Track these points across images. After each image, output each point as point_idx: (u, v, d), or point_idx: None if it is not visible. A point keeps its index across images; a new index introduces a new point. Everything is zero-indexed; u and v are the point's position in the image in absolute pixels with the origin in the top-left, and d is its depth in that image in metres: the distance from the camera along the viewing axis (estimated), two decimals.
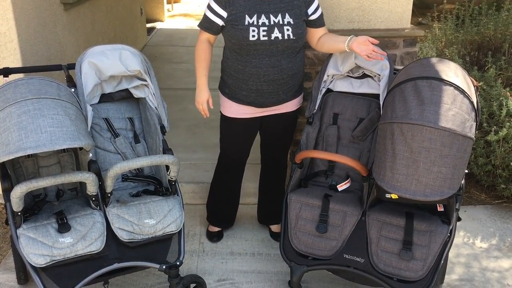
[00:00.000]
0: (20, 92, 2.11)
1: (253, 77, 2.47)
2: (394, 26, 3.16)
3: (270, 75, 2.45)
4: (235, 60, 2.49)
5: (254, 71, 2.45)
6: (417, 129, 1.98)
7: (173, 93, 5.24)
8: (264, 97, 2.53)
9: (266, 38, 2.37)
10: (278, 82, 2.49)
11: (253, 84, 2.49)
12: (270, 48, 2.40)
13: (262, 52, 2.41)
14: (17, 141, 1.93)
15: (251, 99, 2.54)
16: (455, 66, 2.25)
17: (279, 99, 2.56)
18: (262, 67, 2.43)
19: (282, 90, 2.53)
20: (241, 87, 2.53)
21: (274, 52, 2.42)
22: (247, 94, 2.53)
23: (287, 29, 2.39)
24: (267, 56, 2.42)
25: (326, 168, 2.65)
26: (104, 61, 2.47)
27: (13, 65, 2.92)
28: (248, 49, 2.41)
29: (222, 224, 3.02)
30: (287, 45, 2.42)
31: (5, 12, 2.83)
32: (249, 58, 2.44)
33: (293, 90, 2.59)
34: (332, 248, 2.33)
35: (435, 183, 1.99)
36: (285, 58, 2.45)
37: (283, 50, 2.43)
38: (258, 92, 2.51)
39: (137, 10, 6.74)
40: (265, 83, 2.48)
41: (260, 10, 2.38)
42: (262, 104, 2.56)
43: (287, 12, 2.40)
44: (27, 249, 2.07)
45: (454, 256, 2.87)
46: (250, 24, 2.37)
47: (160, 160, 2.25)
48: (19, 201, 2.05)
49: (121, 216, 2.27)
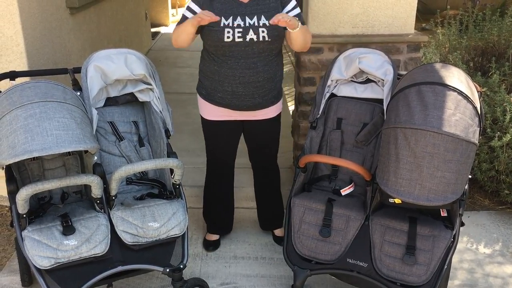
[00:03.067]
0: (27, 95, 2.13)
1: (228, 79, 2.48)
2: (398, 32, 3.17)
3: (246, 77, 2.46)
4: (211, 61, 2.51)
5: (229, 72, 2.46)
6: (421, 134, 1.99)
7: (178, 97, 5.26)
8: (239, 99, 2.53)
9: (241, 39, 2.39)
10: (254, 85, 2.49)
11: (228, 86, 2.50)
12: (245, 49, 2.42)
13: (238, 53, 2.43)
14: (23, 144, 1.95)
15: (227, 101, 2.54)
16: (459, 72, 2.26)
17: (255, 102, 2.55)
18: (237, 68, 2.44)
19: (258, 94, 2.53)
20: (217, 89, 2.54)
21: (249, 54, 2.43)
22: (223, 96, 2.54)
23: (262, 30, 2.40)
24: (242, 58, 2.43)
25: (329, 173, 2.66)
26: (110, 65, 2.48)
27: (19, 68, 2.95)
28: (223, 50, 2.43)
29: (220, 230, 3.01)
30: (263, 47, 2.43)
31: (12, 16, 2.86)
32: (225, 59, 2.45)
33: (270, 95, 2.58)
34: (336, 253, 2.33)
35: (439, 188, 1.99)
36: (261, 60, 2.46)
37: (259, 52, 2.44)
38: (234, 94, 2.51)
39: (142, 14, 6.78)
40: (241, 85, 2.48)
41: (236, 13, 2.41)
42: (238, 106, 2.55)
43: (263, 14, 2.42)
44: (32, 251, 2.08)
45: (457, 261, 2.87)
46: (225, 26, 2.39)
47: (165, 164, 2.26)
48: (25, 204, 2.06)
49: (125, 219, 2.28)
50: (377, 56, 2.57)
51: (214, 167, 2.84)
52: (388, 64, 2.54)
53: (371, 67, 2.54)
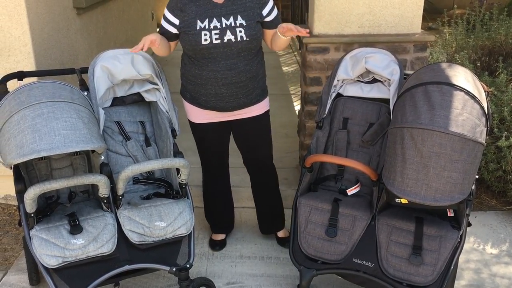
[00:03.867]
0: (35, 95, 2.14)
1: (211, 81, 2.47)
2: (405, 31, 3.16)
3: (228, 78, 2.46)
4: (192, 65, 2.51)
5: (211, 74, 2.46)
6: (428, 134, 1.98)
7: None
8: (224, 101, 2.52)
9: (219, 41, 2.39)
10: (237, 85, 2.49)
11: (211, 88, 2.49)
12: (224, 51, 2.41)
13: (218, 55, 2.42)
14: (31, 143, 1.96)
15: (212, 103, 2.54)
16: (466, 71, 2.25)
17: (239, 102, 2.55)
18: (219, 70, 2.44)
19: (241, 93, 2.52)
20: (200, 92, 2.53)
21: (229, 55, 2.43)
22: (207, 99, 2.54)
23: (240, 30, 2.40)
24: (223, 59, 2.43)
25: (335, 173, 2.66)
26: (117, 65, 2.50)
27: (27, 68, 2.97)
28: (202, 53, 2.42)
29: (222, 229, 3.01)
30: (241, 47, 2.43)
31: (20, 16, 2.88)
32: (205, 62, 2.45)
33: (254, 93, 2.57)
34: (342, 252, 2.33)
35: (445, 188, 1.99)
36: (241, 60, 2.46)
37: (238, 52, 2.43)
38: (218, 96, 2.51)
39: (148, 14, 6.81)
40: (224, 86, 2.48)
41: (212, 14, 2.40)
42: (223, 108, 2.55)
43: (239, 14, 2.42)
44: (39, 250, 2.10)
45: (464, 261, 2.86)
46: (202, 29, 2.39)
47: (171, 163, 2.27)
48: (32, 203, 2.08)
49: (132, 218, 2.29)
50: (384, 56, 2.57)
51: (209, 168, 2.84)
52: (394, 64, 2.53)
53: (377, 66, 2.54)
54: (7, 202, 3.33)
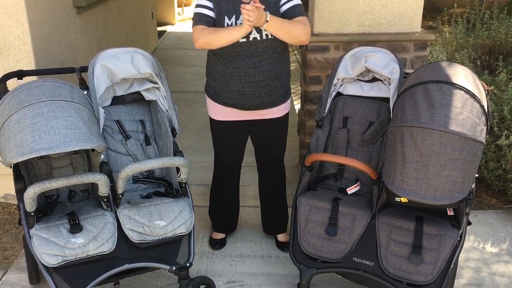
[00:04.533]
0: (34, 94, 2.14)
1: (234, 78, 2.47)
2: (405, 30, 3.16)
3: (251, 76, 2.45)
4: (217, 62, 2.50)
5: (235, 72, 2.45)
6: (427, 133, 1.98)
7: (183, 96, 5.27)
8: (246, 98, 2.52)
9: (244, 39, 2.38)
10: (260, 84, 2.48)
11: (234, 85, 2.49)
12: (250, 49, 2.41)
13: (242, 53, 2.41)
14: (31, 142, 1.96)
15: (234, 100, 2.54)
16: (466, 70, 2.25)
17: (262, 101, 2.54)
18: (242, 68, 2.44)
19: (264, 92, 2.51)
20: (224, 89, 2.53)
21: (254, 53, 2.42)
22: (230, 96, 2.53)
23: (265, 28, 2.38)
24: (247, 57, 2.42)
25: (335, 171, 2.66)
26: (116, 64, 2.49)
27: (26, 67, 2.96)
28: (228, 50, 2.42)
29: (225, 229, 3.02)
30: (267, 45, 2.42)
31: (20, 15, 2.87)
32: (230, 59, 2.44)
33: (277, 93, 2.56)
34: (342, 251, 2.33)
35: (445, 187, 1.99)
36: (266, 59, 2.45)
37: (263, 51, 2.42)
38: (240, 94, 2.51)
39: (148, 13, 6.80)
40: (247, 84, 2.47)
41: (239, 11, 2.39)
42: (245, 106, 2.55)
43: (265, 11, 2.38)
44: (39, 249, 2.10)
45: (464, 260, 2.86)
46: (228, 26, 2.38)
47: (171, 162, 2.27)
48: (32, 202, 2.08)
49: (132, 217, 2.29)
50: (384, 55, 2.57)
51: (222, 167, 2.84)
52: (394, 63, 2.53)
53: (377, 65, 2.54)
54: (7, 201, 3.33)
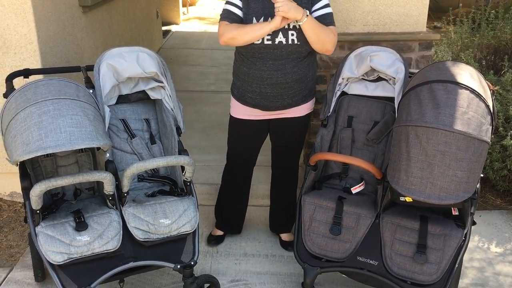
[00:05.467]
0: (41, 93, 2.16)
1: (256, 80, 2.48)
2: (410, 30, 3.16)
3: (274, 78, 2.45)
4: (242, 62, 2.52)
5: (257, 73, 2.46)
6: (432, 132, 1.98)
7: (188, 95, 5.28)
8: (268, 100, 2.53)
9: (270, 42, 2.38)
10: (282, 86, 2.48)
11: (257, 87, 2.50)
12: (274, 52, 2.41)
13: (266, 55, 2.42)
14: (37, 141, 1.97)
15: (256, 101, 2.55)
16: (471, 70, 2.25)
17: (284, 103, 2.55)
18: (265, 70, 2.44)
19: (287, 95, 2.52)
20: (247, 89, 2.54)
21: (278, 56, 2.42)
22: (252, 96, 2.54)
23: (292, 33, 2.38)
24: (271, 60, 2.43)
25: (340, 171, 2.66)
26: (122, 63, 2.50)
27: (32, 66, 2.98)
28: (253, 52, 2.43)
29: (227, 228, 3.02)
30: (291, 50, 2.41)
31: (26, 14, 2.89)
32: (254, 60, 2.45)
33: (300, 95, 2.57)
34: (346, 250, 2.33)
35: (450, 186, 1.99)
36: (289, 62, 2.44)
37: (287, 55, 2.42)
38: (262, 95, 2.51)
39: (153, 13, 6.81)
40: (269, 86, 2.48)
41: (268, 13, 2.39)
42: (267, 107, 2.56)
43: None
44: (45, 246, 2.11)
45: (468, 260, 2.86)
46: None
47: (176, 161, 2.28)
48: (38, 200, 2.09)
49: (137, 215, 2.30)
50: (389, 54, 2.57)
51: (234, 164, 2.84)
52: (399, 62, 2.53)
53: (382, 65, 2.53)
54: (12, 199, 3.35)
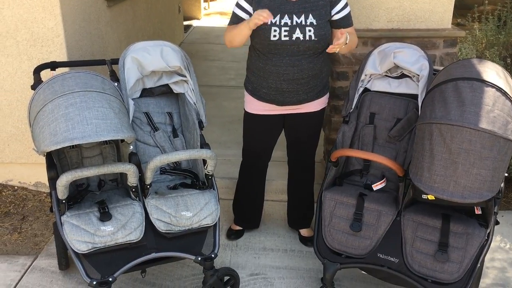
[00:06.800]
0: (68, 85, 2.20)
1: (273, 75, 2.49)
2: (435, 26, 3.12)
3: (290, 74, 2.46)
4: (257, 58, 2.52)
5: (274, 69, 2.47)
6: (457, 130, 1.96)
7: (208, 90, 5.31)
8: (284, 95, 2.54)
9: (287, 38, 2.39)
10: (298, 82, 2.49)
11: (273, 82, 2.51)
12: (291, 48, 2.41)
13: (283, 51, 2.43)
14: (64, 132, 2.01)
15: (271, 96, 2.56)
16: (497, 68, 2.22)
17: (299, 98, 2.56)
18: (282, 65, 2.45)
19: (302, 90, 2.53)
20: (262, 85, 2.55)
21: (295, 52, 2.43)
22: (268, 91, 2.55)
23: (309, 29, 2.39)
24: (287, 56, 2.43)
25: (361, 167, 2.65)
26: (146, 57, 2.54)
27: (59, 59, 3.03)
28: (269, 48, 2.44)
29: (245, 223, 3.04)
30: (309, 46, 2.42)
31: (53, 8, 2.94)
32: (270, 56, 2.46)
33: (315, 91, 2.58)
34: (366, 247, 2.33)
35: (474, 185, 1.97)
36: (306, 58, 2.45)
37: (304, 51, 2.43)
38: (278, 90, 2.52)
39: (175, 8, 6.86)
40: (285, 81, 2.49)
41: (284, 10, 2.40)
42: (282, 102, 2.57)
43: (311, 13, 2.40)
44: (70, 235, 2.16)
45: (489, 260, 2.83)
46: (272, 24, 2.39)
47: (198, 154, 2.30)
48: (64, 189, 2.13)
49: (159, 207, 2.33)
50: (413, 51, 2.55)
51: (249, 159, 2.86)
52: (424, 59, 2.51)
53: (406, 62, 2.52)
54: (37, 189, 3.42)
